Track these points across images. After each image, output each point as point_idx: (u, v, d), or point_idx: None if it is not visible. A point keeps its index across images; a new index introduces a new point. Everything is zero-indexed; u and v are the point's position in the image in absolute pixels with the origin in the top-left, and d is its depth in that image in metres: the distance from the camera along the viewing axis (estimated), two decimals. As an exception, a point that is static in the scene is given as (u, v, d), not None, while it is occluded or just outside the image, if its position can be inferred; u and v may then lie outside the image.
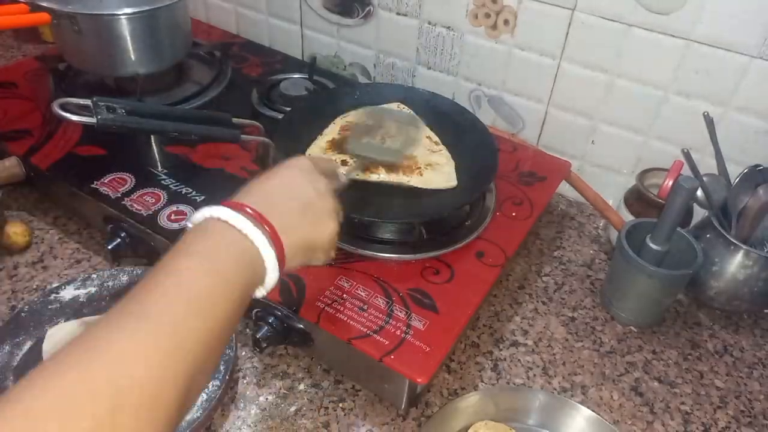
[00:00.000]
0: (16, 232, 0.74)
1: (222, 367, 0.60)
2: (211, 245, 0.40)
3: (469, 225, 0.71)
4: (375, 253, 0.66)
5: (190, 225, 0.43)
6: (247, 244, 0.41)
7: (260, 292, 0.44)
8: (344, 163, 0.70)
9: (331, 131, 0.78)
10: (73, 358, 0.31)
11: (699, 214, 0.77)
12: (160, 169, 0.76)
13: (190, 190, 0.73)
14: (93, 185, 0.72)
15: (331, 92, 0.92)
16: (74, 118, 0.56)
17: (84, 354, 0.32)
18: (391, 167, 0.72)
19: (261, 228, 0.42)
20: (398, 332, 0.58)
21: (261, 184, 0.48)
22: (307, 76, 0.96)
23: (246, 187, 0.47)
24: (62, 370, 0.31)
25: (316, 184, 0.50)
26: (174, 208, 0.70)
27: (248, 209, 0.43)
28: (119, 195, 0.71)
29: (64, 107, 0.57)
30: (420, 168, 0.73)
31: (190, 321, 0.35)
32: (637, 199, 0.79)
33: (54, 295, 0.66)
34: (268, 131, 0.74)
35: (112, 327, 0.33)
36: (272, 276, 0.43)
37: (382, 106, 0.83)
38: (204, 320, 0.36)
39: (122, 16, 0.79)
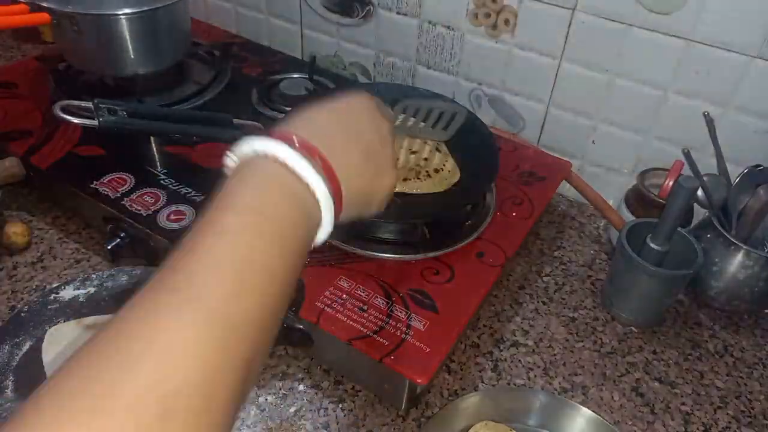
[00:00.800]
0: (15, 232, 0.74)
1: (222, 368, 0.59)
2: (264, 196, 0.33)
3: (470, 225, 0.71)
4: (375, 253, 0.66)
5: (232, 161, 0.36)
6: (304, 191, 0.35)
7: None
8: None
9: None
10: (109, 353, 0.25)
11: (699, 214, 0.77)
12: (159, 169, 0.76)
13: (190, 190, 0.73)
14: (93, 185, 0.72)
15: (331, 92, 0.92)
16: (76, 120, 0.56)
17: (122, 347, 0.26)
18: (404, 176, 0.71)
19: (319, 170, 0.35)
20: (398, 333, 0.58)
21: (319, 115, 0.41)
22: (307, 76, 0.96)
23: (298, 114, 0.40)
24: (96, 370, 0.25)
25: (381, 128, 0.43)
26: (173, 208, 0.70)
27: (305, 144, 0.36)
28: (119, 195, 0.71)
29: (65, 110, 0.57)
30: (428, 172, 0.72)
31: (246, 298, 0.29)
32: (637, 199, 0.79)
33: (53, 295, 0.66)
34: (268, 131, 0.74)
35: (151, 310, 0.27)
36: (327, 228, 0.37)
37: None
38: (261, 294, 0.30)
39: (122, 16, 0.79)
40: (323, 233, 0.37)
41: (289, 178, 0.35)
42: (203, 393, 0.26)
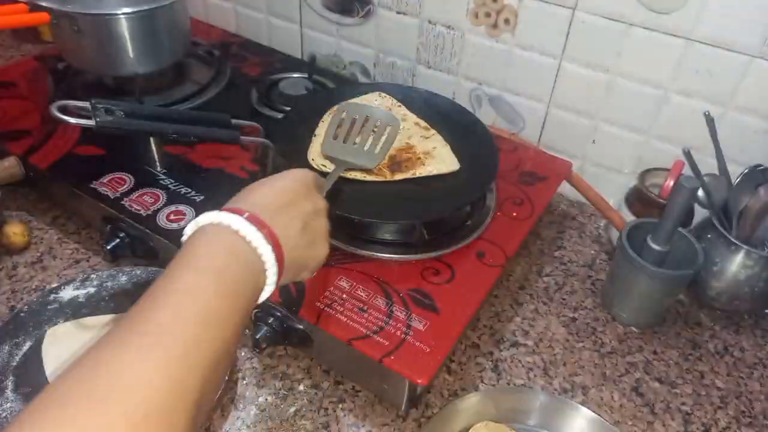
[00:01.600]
0: (15, 232, 0.74)
1: (221, 368, 0.59)
2: (220, 259, 0.39)
3: (470, 225, 0.71)
4: (375, 254, 0.66)
5: (188, 231, 0.42)
6: (253, 256, 0.41)
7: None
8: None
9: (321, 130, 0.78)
10: (81, 388, 0.30)
11: (700, 214, 0.77)
12: (159, 169, 0.76)
13: (189, 190, 0.73)
14: (92, 185, 0.72)
15: (331, 92, 0.92)
16: (72, 120, 0.56)
17: (94, 383, 0.30)
18: (395, 165, 0.71)
19: (267, 239, 0.42)
20: (398, 333, 0.58)
21: (262, 191, 0.47)
22: (306, 76, 0.96)
23: (244, 191, 0.46)
24: (71, 403, 0.29)
25: (316, 202, 0.49)
26: (173, 208, 0.70)
27: (254, 217, 0.42)
28: (118, 195, 0.71)
29: (62, 109, 0.57)
30: (420, 158, 0.72)
31: (203, 343, 0.35)
32: (638, 199, 0.79)
33: (53, 295, 0.66)
34: (268, 131, 0.74)
35: (120, 349, 0.32)
36: (270, 288, 0.43)
37: (361, 101, 0.81)
38: (215, 340, 0.35)
39: (121, 16, 0.79)
40: (267, 293, 0.43)
41: (242, 245, 0.41)
42: (165, 421, 0.31)
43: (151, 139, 0.80)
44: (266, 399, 0.61)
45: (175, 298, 0.36)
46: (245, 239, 0.41)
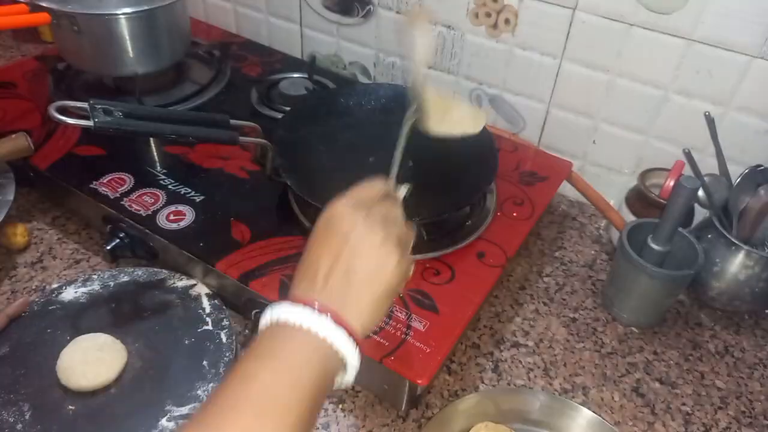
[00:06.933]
0: (15, 232, 0.74)
1: (222, 369, 0.59)
2: (292, 357, 0.40)
3: (470, 225, 0.71)
4: (375, 254, 0.66)
5: (264, 323, 0.42)
6: (327, 349, 0.40)
7: (344, 382, 0.44)
8: None
9: None
10: None
11: (700, 214, 0.77)
12: (158, 169, 0.76)
13: (189, 190, 0.73)
14: (92, 185, 0.72)
15: (331, 92, 0.92)
16: (71, 121, 0.56)
17: None
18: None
19: (340, 330, 0.41)
20: (398, 333, 0.57)
21: (335, 270, 0.43)
22: (306, 76, 0.96)
23: (312, 267, 0.44)
24: None
25: (392, 254, 0.44)
26: (173, 208, 0.70)
27: (327, 313, 0.41)
28: (118, 195, 0.71)
29: (60, 110, 0.56)
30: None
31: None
32: (638, 199, 0.79)
33: (54, 295, 0.66)
34: (268, 131, 0.74)
35: None
36: (353, 368, 0.43)
37: None
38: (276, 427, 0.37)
39: (121, 16, 0.79)
40: (351, 374, 0.43)
41: (323, 347, 0.40)
42: None
43: (151, 140, 0.80)
44: (266, 399, 0.61)
45: (246, 391, 0.37)
46: (326, 341, 0.40)
